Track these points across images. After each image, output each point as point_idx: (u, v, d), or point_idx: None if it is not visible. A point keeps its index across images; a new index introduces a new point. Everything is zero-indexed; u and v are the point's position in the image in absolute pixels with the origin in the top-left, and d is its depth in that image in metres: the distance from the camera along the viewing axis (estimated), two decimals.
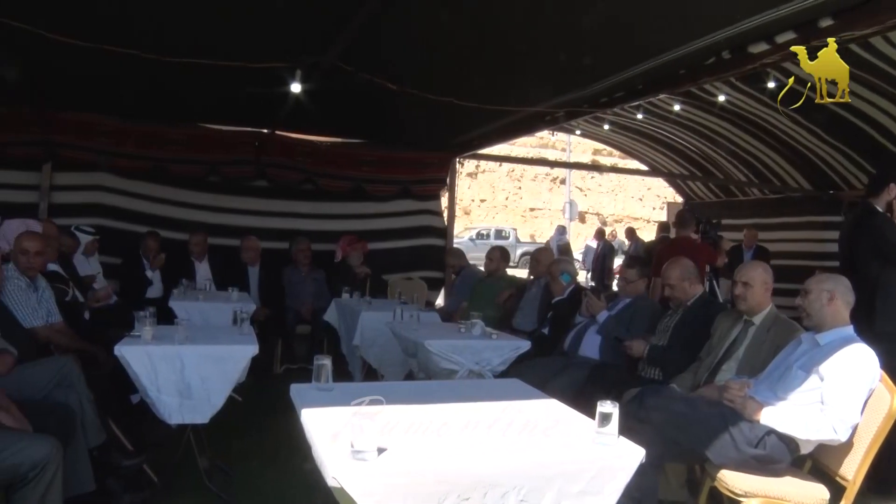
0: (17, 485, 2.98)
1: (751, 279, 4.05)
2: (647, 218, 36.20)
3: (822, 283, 3.57)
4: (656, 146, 12.66)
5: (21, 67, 6.25)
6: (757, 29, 4.67)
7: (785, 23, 4.52)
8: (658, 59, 5.54)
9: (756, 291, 4.04)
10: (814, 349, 3.48)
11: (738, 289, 4.07)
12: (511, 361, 4.94)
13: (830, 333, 3.48)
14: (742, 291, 4.05)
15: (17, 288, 4.55)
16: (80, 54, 5.40)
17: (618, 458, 2.45)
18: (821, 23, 4.36)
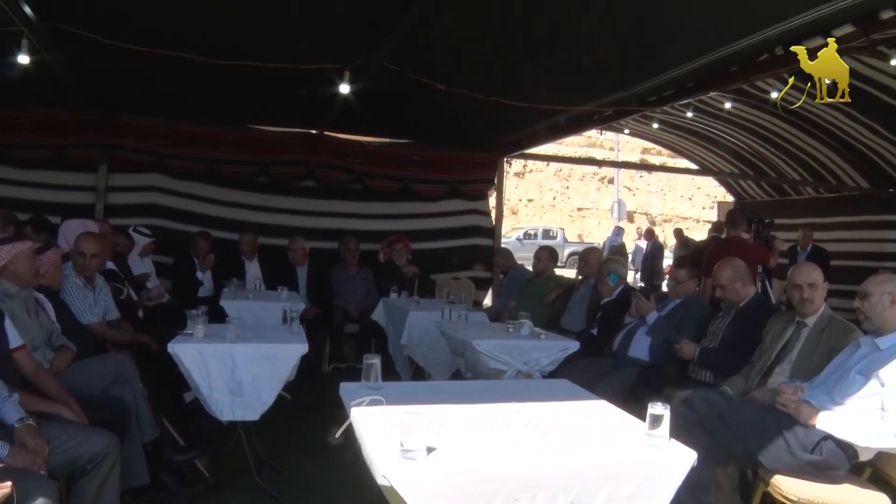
0: (77, 475, 3.06)
1: (816, 281, 3.93)
2: (696, 217, 35.68)
3: (884, 284, 3.45)
4: (706, 144, 12.46)
5: (79, 73, 6.42)
6: (813, 23, 4.56)
7: (843, 16, 4.41)
8: (709, 56, 5.45)
9: (821, 294, 3.94)
10: (874, 353, 3.37)
11: (806, 292, 3.93)
12: (559, 362, 4.92)
13: (892, 337, 3.37)
14: (810, 294, 3.93)
15: (75, 286, 4.67)
16: (135, 59, 5.53)
17: (669, 461, 2.42)
18: (882, 14, 4.23)
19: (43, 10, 4.88)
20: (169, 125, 8.46)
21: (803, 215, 11.98)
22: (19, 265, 3.77)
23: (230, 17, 5.05)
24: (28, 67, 5.43)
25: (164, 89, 7.18)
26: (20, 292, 3.79)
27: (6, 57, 5.33)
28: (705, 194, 36.22)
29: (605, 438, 2.57)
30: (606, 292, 5.99)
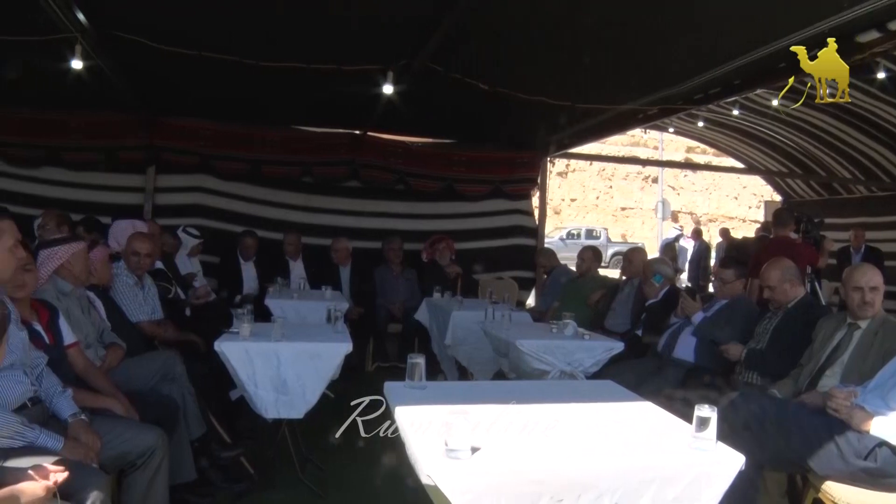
0: (128, 470, 3.14)
1: (878, 284, 3.81)
2: (742, 217, 35.08)
3: None
4: (753, 143, 12.25)
5: (128, 76, 6.56)
6: (867, 16, 4.44)
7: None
8: (756, 52, 5.36)
9: (881, 297, 3.83)
10: None
11: (868, 296, 3.80)
12: (603, 363, 4.87)
13: None
14: (871, 298, 3.81)
15: (126, 285, 4.77)
16: (182, 62, 5.63)
17: (716, 465, 2.37)
18: None
19: (95, 16, 5.00)
20: (215, 127, 8.60)
21: (855, 214, 11.69)
22: (76, 264, 3.89)
23: (275, 19, 5.11)
24: (80, 72, 5.58)
25: (210, 91, 7.30)
26: (74, 290, 3.90)
27: (60, 62, 5.47)
28: (752, 193, 35.58)
29: (651, 440, 2.54)
30: (651, 293, 5.91)
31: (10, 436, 2.62)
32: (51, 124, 8.15)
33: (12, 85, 7.01)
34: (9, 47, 5.31)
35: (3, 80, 6.57)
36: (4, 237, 2.85)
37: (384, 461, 4.29)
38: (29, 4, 4.54)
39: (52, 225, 5.79)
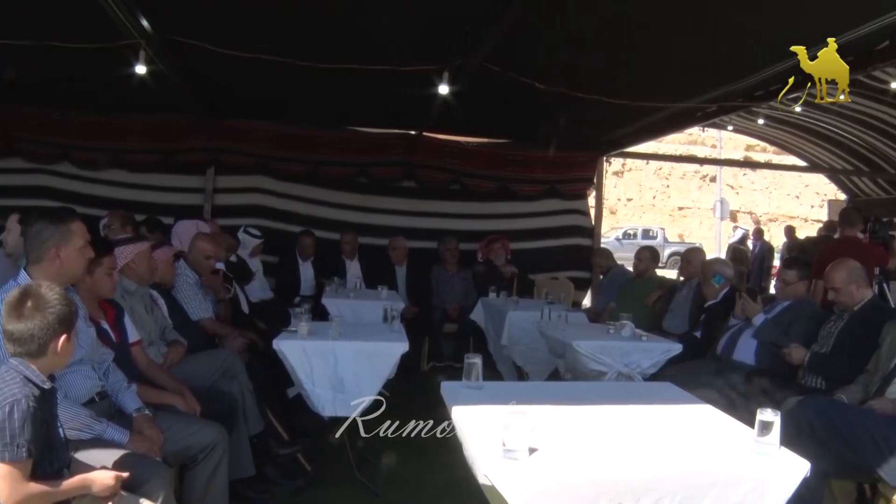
0: (189, 465, 3.21)
1: None
2: (804, 217, 34.20)
3: None
4: (816, 140, 11.92)
5: (188, 79, 6.70)
6: None
7: None
8: (822, 46, 5.19)
9: None
10: None
11: None
12: (661, 365, 4.81)
13: None
14: None
15: (187, 284, 4.87)
16: (241, 65, 5.73)
17: (779, 471, 2.31)
18: None
19: (158, 22, 5.12)
20: (272, 128, 8.73)
21: None
22: (140, 264, 4.00)
23: (331, 20, 5.16)
24: (144, 77, 5.73)
25: (268, 93, 7.41)
26: (138, 289, 4.00)
27: (125, 68, 5.62)
28: (814, 192, 34.67)
29: (711, 444, 2.49)
30: (711, 294, 5.80)
31: (80, 428, 2.71)
32: (115, 128, 8.40)
33: (77, 90, 7.25)
34: (77, 55, 5.47)
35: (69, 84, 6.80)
36: (75, 238, 2.94)
37: (440, 461, 4.29)
38: (95, 13, 4.67)
39: (117, 225, 5.94)
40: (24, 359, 2.20)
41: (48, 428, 2.22)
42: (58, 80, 6.86)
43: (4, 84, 6.89)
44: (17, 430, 2.06)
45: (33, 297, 2.24)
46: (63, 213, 3.03)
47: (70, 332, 2.29)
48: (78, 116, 8.27)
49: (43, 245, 2.86)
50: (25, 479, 2.11)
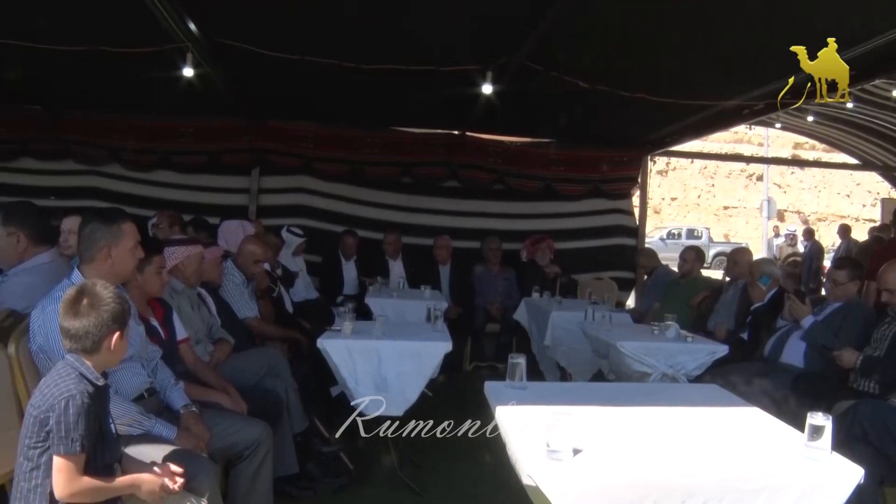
0: (235, 461, 3.26)
1: None
2: (855, 216, 33.36)
3: None
4: (868, 136, 11.61)
5: (234, 81, 6.80)
6: None
7: None
8: (875, 40, 5.06)
9: None
10: None
11: None
12: (706, 366, 4.74)
13: None
14: None
15: (234, 283, 4.94)
16: (286, 66, 5.80)
17: (831, 477, 2.25)
18: None
19: (204, 25, 5.20)
20: (316, 129, 8.82)
21: None
22: (188, 266, 4.08)
23: (374, 21, 5.19)
24: (191, 79, 5.83)
25: (312, 94, 7.48)
26: (186, 289, 4.07)
27: (172, 71, 5.73)
28: (866, 191, 33.84)
29: (759, 447, 2.45)
30: (758, 296, 5.71)
31: (129, 423, 2.77)
32: (162, 130, 8.57)
33: (129, 94, 7.41)
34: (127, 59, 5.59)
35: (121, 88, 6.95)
36: (126, 238, 3.00)
37: (483, 460, 4.30)
38: (145, 17, 4.77)
39: (165, 224, 6.05)
40: (80, 355, 2.26)
41: (101, 423, 2.27)
42: (109, 84, 7.01)
43: (58, 88, 7.07)
44: (71, 425, 2.12)
45: (89, 295, 2.29)
46: (115, 213, 3.09)
47: (123, 329, 2.34)
48: (127, 119, 8.45)
49: (95, 245, 2.92)
50: (79, 472, 2.16)
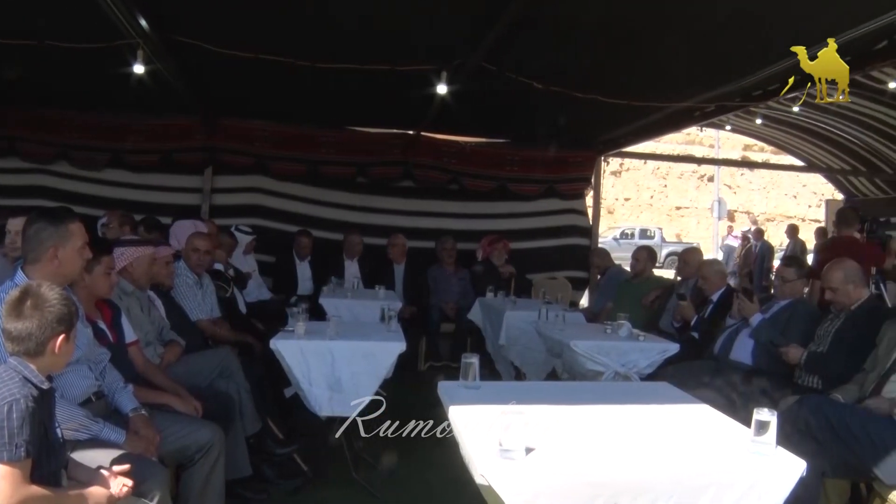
0: (186, 465, 3.21)
1: None
2: (801, 216, 34.16)
3: None
4: (814, 140, 11.91)
5: (187, 79, 6.70)
6: None
7: None
8: (820, 46, 5.20)
9: None
10: None
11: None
12: (658, 364, 4.81)
13: None
14: None
15: (186, 284, 4.88)
16: (240, 65, 5.73)
17: (776, 470, 2.31)
18: None
19: (156, 22, 5.12)
20: (271, 128, 8.74)
21: None
22: (138, 268, 4.00)
23: (329, 20, 5.16)
24: (142, 76, 5.72)
25: (267, 93, 7.41)
26: (135, 290, 4.01)
27: (122, 67, 5.62)
28: (811, 192, 34.70)
29: (708, 444, 2.50)
30: (688, 314, 5.86)
31: (76, 428, 2.71)
32: (113, 127, 8.40)
33: (75, 89, 7.24)
34: (75, 54, 5.47)
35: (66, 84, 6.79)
36: (74, 238, 2.94)
37: (437, 460, 4.30)
38: (93, 12, 4.67)
39: (116, 224, 5.95)
40: (23, 358, 2.20)
41: (46, 428, 2.22)
42: (57, 80, 6.86)
43: (3, 83, 6.89)
44: (15, 430, 2.06)
45: (33, 296, 2.24)
46: (62, 213, 3.02)
47: (69, 332, 2.29)
48: (77, 116, 8.27)
49: (41, 245, 2.86)
50: (26, 480, 2.10)
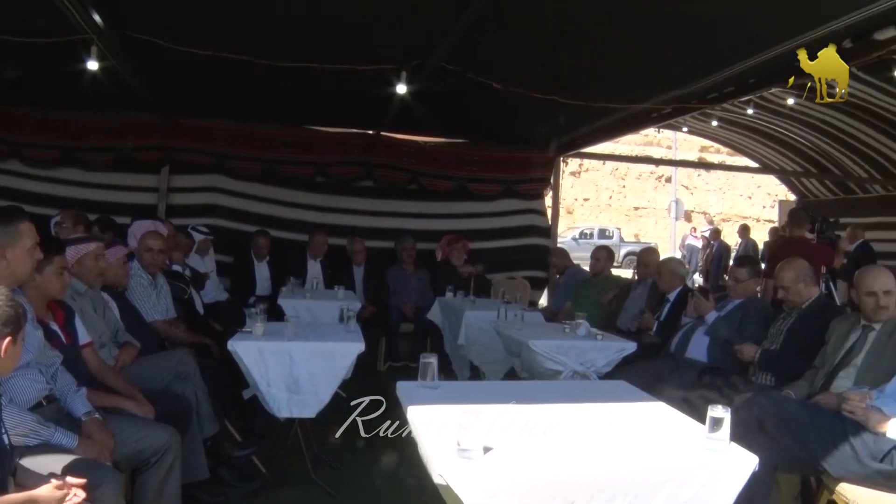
0: (141, 468, 3.16)
1: (892, 287, 3.73)
2: (756, 217, 34.84)
3: None
4: (767, 142, 12.17)
5: (144, 77, 6.60)
6: (885, 14, 4.39)
7: None
8: (772, 50, 5.30)
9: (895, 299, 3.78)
10: None
11: (882, 300, 3.73)
12: (616, 363, 4.87)
13: None
14: (886, 302, 3.73)
15: (140, 285, 4.80)
16: (198, 62, 5.66)
17: (729, 466, 2.36)
18: None
19: (111, 17, 5.03)
20: (229, 127, 8.63)
21: (870, 214, 11.61)
22: (84, 265, 3.90)
23: (289, 18, 5.12)
24: (97, 73, 5.61)
25: (226, 92, 7.33)
26: (88, 291, 3.93)
27: (76, 63, 5.50)
28: (766, 193, 35.38)
29: (664, 441, 2.53)
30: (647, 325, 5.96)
31: (26, 434, 2.65)
32: (66, 125, 8.20)
33: (28, 85, 7.08)
34: (25, 48, 5.35)
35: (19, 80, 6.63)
36: (24, 238, 2.88)
37: (397, 460, 4.30)
38: (45, 6, 4.57)
39: (69, 224, 5.83)
40: None
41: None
42: (7, 76, 6.69)
43: None
44: None
45: None
46: (11, 212, 2.95)
47: (16, 335, 2.24)
48: (29, 113, 8.05)
49: None
50: None
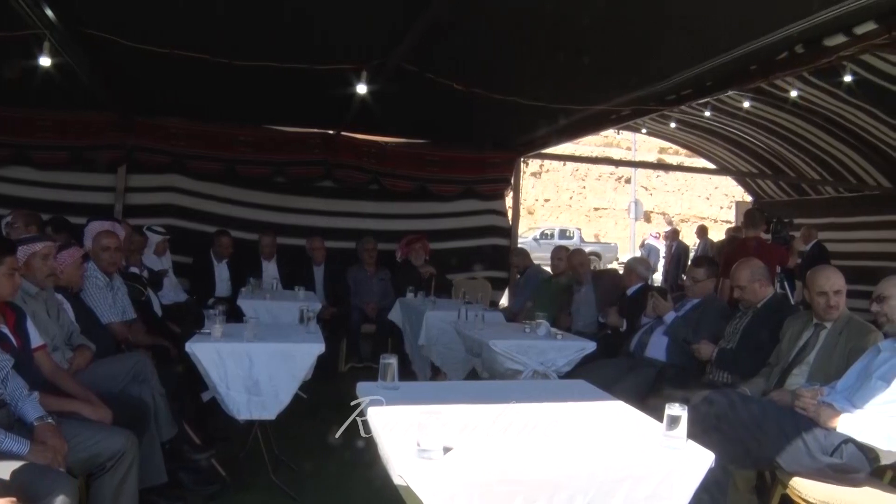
0: (97, 473, 3.09)
1: (842, 287, 3.84)
2: (714, 217, 35.43)
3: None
4: (724, 144, 12.38)
5: (100, 74, 6.48)
6: (834, 20, 4.50)
7: (865, 13, 4.36)
8: (728, 54, 5.41)
9: (844, 299, 3.87)
10: (894, 358, 3.32)
11: (832, 300, 3.82)
12: (576, 362, 4.90)
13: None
14: (836, 302, 3.83)
15: (96, 286, 4.71)
16: (155, 60, 5.58)
17: (686, 463, 2.39)
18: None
19: (65, 13, 4.92)
20: (187, 126, 8.52)
21: (823, 215, 11.88)
22: (31, 266, 3.79)
23: (248, 17, 5.07)
24: (49, 69, 5.49)
25: (183, 91, 7.23)
26: (41, 293, 3.83)
27: (28, 59, 5.38)
28: (723, 194, 36.01)
29: (623, 440, 2.55)
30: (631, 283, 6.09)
31: None
32: (18, 122, 8.02)
33: None
34: None
35: None
36: None
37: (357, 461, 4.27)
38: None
39: (21, 224, 5.70)
40: None
41: None
42: None
43: None
44: None
45: None
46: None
47: None
48: None
49: None
50: None
